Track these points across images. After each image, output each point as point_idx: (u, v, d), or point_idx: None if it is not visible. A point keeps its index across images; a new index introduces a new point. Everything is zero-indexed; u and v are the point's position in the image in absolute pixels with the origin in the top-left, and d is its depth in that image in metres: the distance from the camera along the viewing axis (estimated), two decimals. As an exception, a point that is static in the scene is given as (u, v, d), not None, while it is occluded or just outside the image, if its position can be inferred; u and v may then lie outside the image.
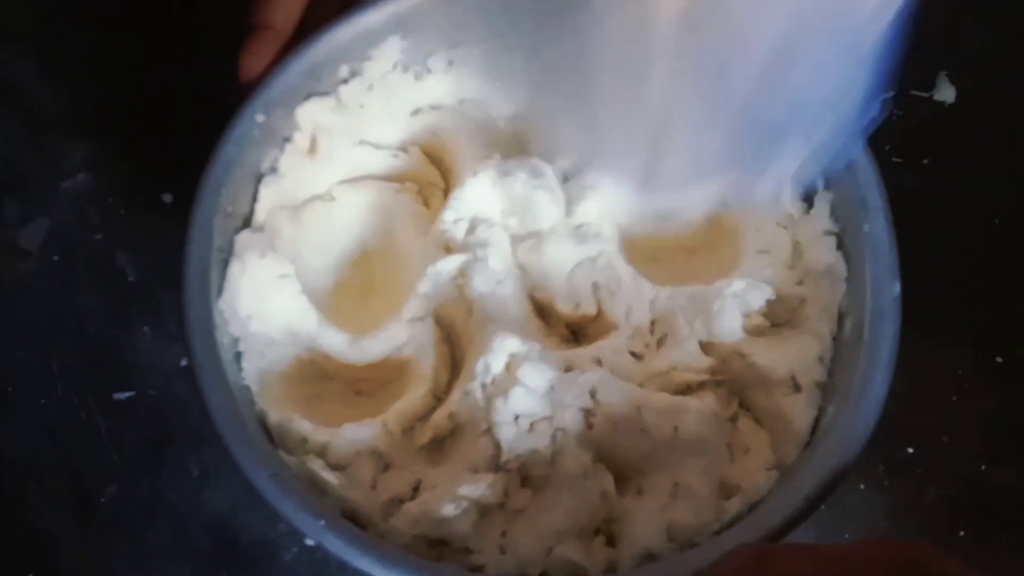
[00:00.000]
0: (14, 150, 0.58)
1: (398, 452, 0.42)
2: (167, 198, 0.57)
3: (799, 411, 0.43)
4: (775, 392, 0.44)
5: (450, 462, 0.42)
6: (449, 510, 0.39)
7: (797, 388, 0.43)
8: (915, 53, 0.60)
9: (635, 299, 0.44)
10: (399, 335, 0.44)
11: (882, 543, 0.31)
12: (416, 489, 0.41)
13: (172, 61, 0.59)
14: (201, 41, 0.57)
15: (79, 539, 0.49)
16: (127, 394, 0.52)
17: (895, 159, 0.58)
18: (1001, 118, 0.60)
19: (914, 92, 0.60)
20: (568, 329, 0.46)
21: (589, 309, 0.45)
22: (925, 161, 0.59)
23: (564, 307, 0.45)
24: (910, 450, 0.53)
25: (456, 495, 0.39)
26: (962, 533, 0.51)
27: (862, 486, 0.52)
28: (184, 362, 0.52)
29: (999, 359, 0.55)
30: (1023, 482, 0.53)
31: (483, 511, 0.40)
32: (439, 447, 0.43)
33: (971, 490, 0.53)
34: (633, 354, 0.43)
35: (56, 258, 0.55)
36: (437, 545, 0.40)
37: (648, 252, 0.48)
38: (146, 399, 0.52)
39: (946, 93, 0.60)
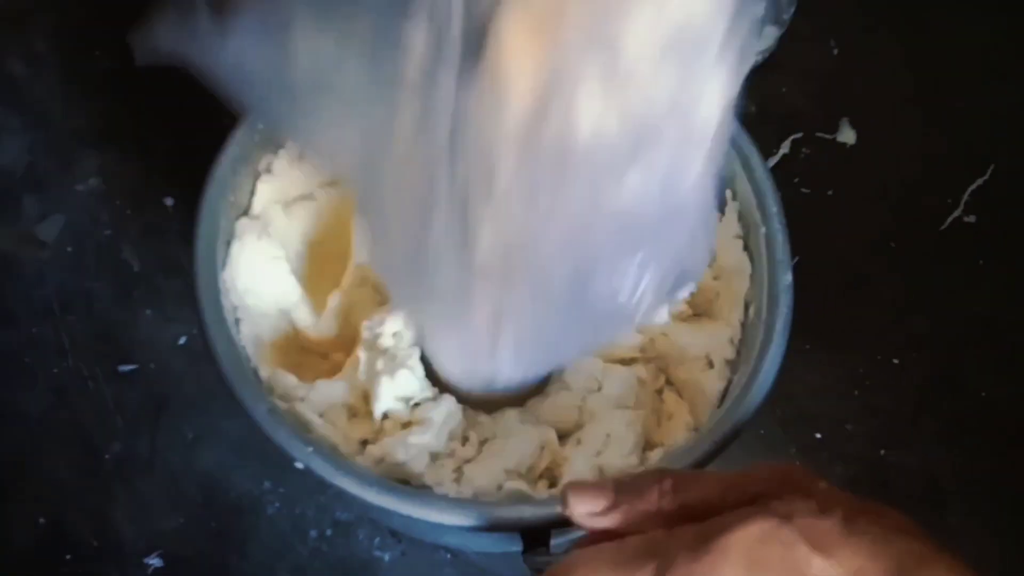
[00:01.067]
0: (36, 156, 0.63)
1: (362, 404, 0.47)
2: (168, 201, 0.62)
3: (711, 383, 0.48)
4: (693, 368, 0.49)
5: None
6: (401, 454, 0.44)
7: (711, 364, 0.49)
8: (823, 102, 0.70)
9: None
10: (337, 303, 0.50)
11: (768, 465, 0.36)
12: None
13: (173, 86, 0.64)
14: (191, 79, 0.63)
15: (85, 489, 0.53)
16: (130, 367, 0.57)
17: (803, 189, 0.65)
18: (892, 157, 0.67)
19: (820, 134, 0.68)
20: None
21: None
22: (829, 192, 0.66)
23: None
24: (818, 435, 0.58)
25: (407, 443, 0.44)
26: (863, 506, 0.57)
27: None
28: (182, 340, 0.57)
29: (895, 360, 0.60)
30: (915, 464, 0.58)
31: (434, 456, 0.45)
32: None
33: (871, 470, 0.57)
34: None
35: (69, 249, 0.60)
36: (403, 481, 0.44)
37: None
38: (147, 371, 0.56)
39: (847, 135, 0.68)
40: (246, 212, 0.51)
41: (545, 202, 0.34)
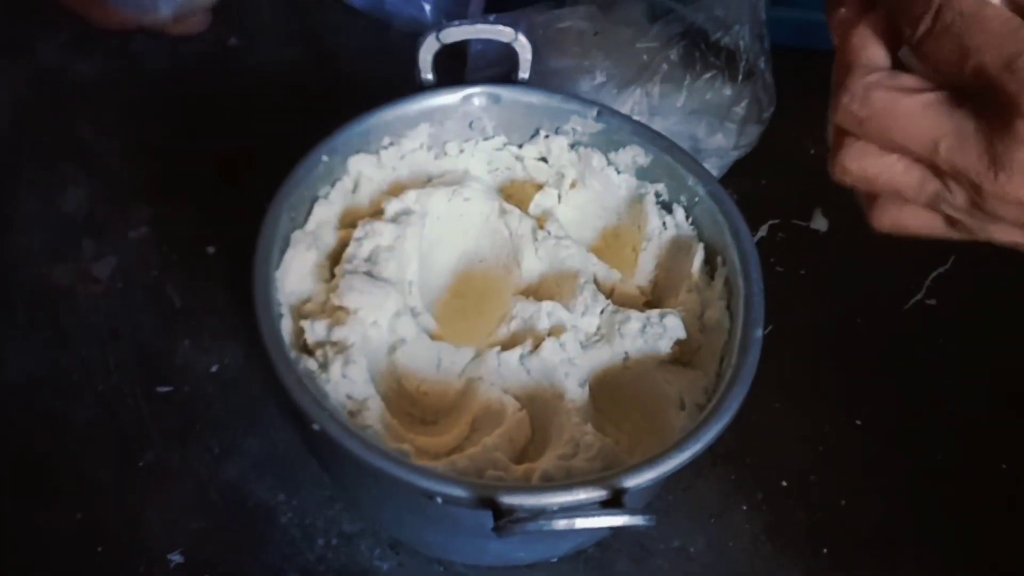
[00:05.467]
0: (95, 205, 0.70)
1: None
2: (210, 249, 0.69)
3: (681, 423, 0.52)
4: (667, 408, 0.54)
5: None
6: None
7: (683, 406, 0.53)
8: (799, 193, 0.77)
9: (592, 306, 0.57)
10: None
11: None
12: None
13: (217, 150, 0.73)
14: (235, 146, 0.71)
15: (121, 491, 0.58)
16: (167, 388, 0.62)
17: (778, 268, 0.72)
18: (860, 245, 0.70)
19: (795, 221, 0.75)
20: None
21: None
22: (802, 272, 0.72)
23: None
24: (784, 483, 0.63)
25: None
26: (825, 551, 0.60)
27: (744, 507, 0.62)
28: (214, 368, 0.63)
29: (857, 422, 0.66)
30: (873, 514, 0.62)
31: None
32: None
33: (832, 518, 0.61)
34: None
35: (120, 285, 0.66)
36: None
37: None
38: (181, 393, 0.62)
39: (820, 223, 0.75)
40: (301, 227, 0.56)
41: None
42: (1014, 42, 0.31)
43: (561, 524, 0.41)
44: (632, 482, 0.45)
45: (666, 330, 0.56)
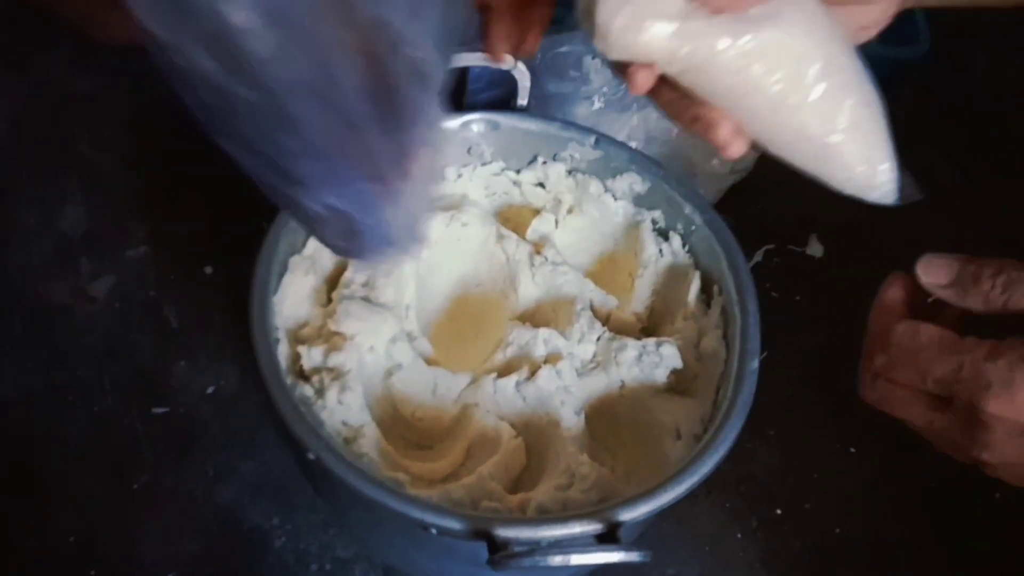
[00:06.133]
0: (94, 223, 0.71)
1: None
2: (208, 270, 0.69)
3: (677, 453, 0.53)
4: (664, 437, 0.54)
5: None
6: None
7: (679, 436, 0.54)
8: (795, 219, 0.77)
9: (588, 333, 0.57)
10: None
11: None
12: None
13: (217, 176, 0.72)
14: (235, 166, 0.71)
15: (115, 513, 0.58)
16: (162, 409, 0.62)
17: (773, 294, 0.73)
18: (855, 270, 0.71)
19: (791, 247, 0.75)
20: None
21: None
22: (797, 297, 0.73)
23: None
24: (778, 511, 0.63)
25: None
26: (817, 578, 0.61)
27: (739, 535, 0.62)
28: (210, 390, 0.64)
29: (851, 449, 0.66)
30: (866, 540, 0.62)
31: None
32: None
33: (825, 544, 0.62)
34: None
35: (117, 305, 0.67)
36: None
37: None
38: (177, 414, 0.62)
39: (815, 249, 0.76)
40: (300, 251, 0.57)
41: None
42: (953, 356, 0.42)
43: (557, 560, 0.41)
44: (628, 515, 0.45)
45: (662, 359, 0.56)
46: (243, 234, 0.54)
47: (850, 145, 0.45)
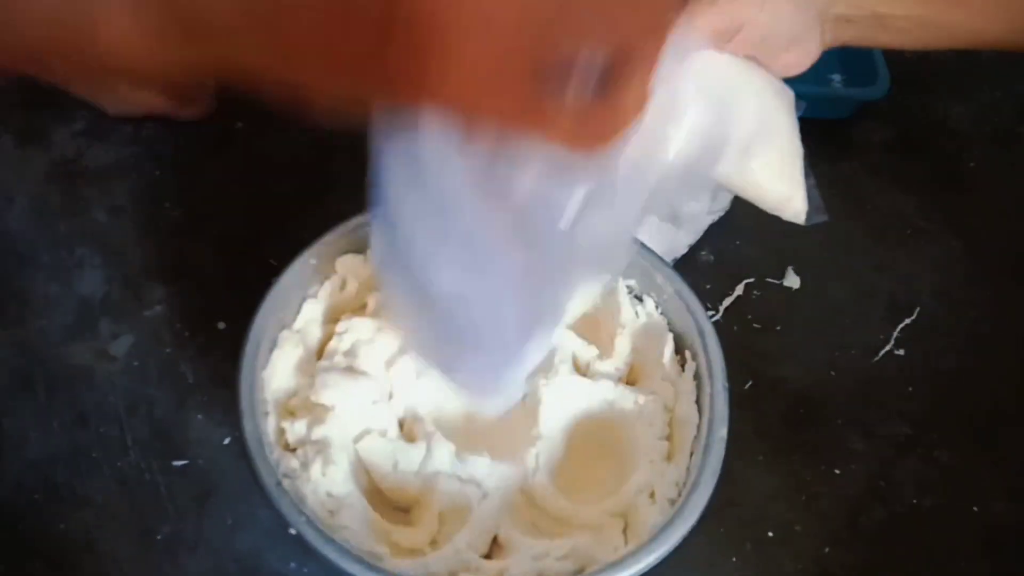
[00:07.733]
0: (112, 286, 0.74)
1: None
2: (220, 325, 0.72)
3: (652, 517, 0.55)
4: (638, 501, 0.57)
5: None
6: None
7: (653, 499, 0.56)
8: (772, 253, 0.80)
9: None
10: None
11: None
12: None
13: (226, 237, 0.77)
14: (243, 226, 0.75)
15: (138, 563, 0.61)
16: (182, 462, 0.65)
17: (755, 325, 0.75)
18: (831, 300, 0.78)
19: (769, 279, 0.78)
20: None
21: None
22: (777, 327, 0.76)
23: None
24: (769, 533, 0.66)
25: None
26: (808, 596, 0.63)
27: (734, 559, 0.65)
28: (227, 440, 0.66)
29: (836, 471, 0.69)
30: (854, 560, 0.65)
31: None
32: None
33: (815, 565, 0.65)
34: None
35: (136, 363, 0.70)
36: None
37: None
38: (196, 466, 0.65)
39: (793, 280, 0.78)
40: (289, 326, 0.60)
41: None
42: None
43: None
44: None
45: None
46: (252, 290, 0.57)
47: (767, 179, 0.58)
